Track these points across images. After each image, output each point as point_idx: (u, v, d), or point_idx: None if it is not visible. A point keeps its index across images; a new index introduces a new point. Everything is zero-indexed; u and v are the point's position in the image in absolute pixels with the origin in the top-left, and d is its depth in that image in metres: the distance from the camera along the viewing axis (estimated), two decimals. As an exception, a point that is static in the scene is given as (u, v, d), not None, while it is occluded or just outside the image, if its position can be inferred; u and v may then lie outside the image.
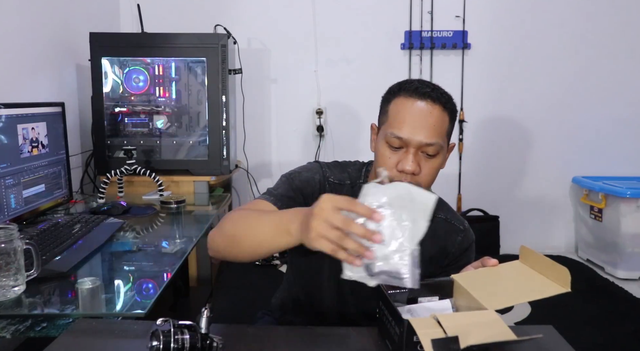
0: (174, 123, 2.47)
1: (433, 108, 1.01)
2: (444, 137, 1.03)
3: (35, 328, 0.97)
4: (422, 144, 1.00)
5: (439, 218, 1.17)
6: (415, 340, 0.73)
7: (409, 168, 0.99)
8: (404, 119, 1.01)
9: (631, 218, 2.84)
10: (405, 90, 1.03)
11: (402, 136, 1.00)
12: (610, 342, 2.13)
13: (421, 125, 1.00)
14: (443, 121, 1.02)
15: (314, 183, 1.11)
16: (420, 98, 1.01)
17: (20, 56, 2.02)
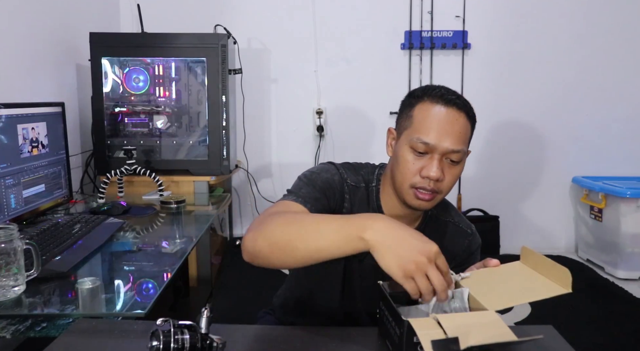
0: (174, 123, 2.47)
1: (459, 116, 1.02)
2: (467, 144, 1.04)
3: (35, 328, 0.97)
4: (448, 151, 1.00)
5: (447, 221, 1.18)
6: (415, 341, 0.73)
7: (433, 175, 0.99)
8: (430, 125, 1.00)
9: (631, 218, 2.84)
10: (430, 95, 1.03)
11: (430, 142, 0.99)
12: (610, 342, 2.13)
13: (448, 132, 1.00)
14: (467, 129, 1.04)
15: (335, 185, 1.09)
16: (447, 105, 1.02)
17: (20, 56, 2.02)
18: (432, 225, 1.17)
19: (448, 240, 1.15)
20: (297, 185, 1.07)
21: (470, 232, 1.18)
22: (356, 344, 0.86)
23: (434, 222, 1.17)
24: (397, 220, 1.07)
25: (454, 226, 1.17)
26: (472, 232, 1.19)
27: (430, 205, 1.03)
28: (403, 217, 1.12)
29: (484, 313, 0.77)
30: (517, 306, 2.47)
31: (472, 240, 1.17)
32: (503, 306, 0.78)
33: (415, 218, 1.15)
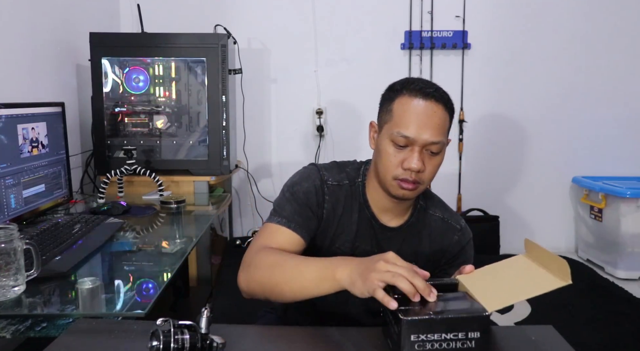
0: (174, 123, 2.47)
1: (437, 108, 1.04)
2: (446, 136, 1.07)
3: (35, 328, 0.97)
4: (428, 143, 1.03)
5: (436, 216, 1.19)
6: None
7: (415, 167, 1.02)
8: (410, 118, 1.03)
9: (631, 218, 2.84)
10: (409, 89, 1.05)
11: (409, 135, 1.02)
12: (610, 342, 2.13)
13: (427, 125, 1.02)
14: (445, 120, 1.06)
15: (315, 191, 1.13)
16: (425, 98, 1.03)
17: (20, 56, 2.02)
18: (422, 218, 1.18)
19: (438, 235, 1.18)
20: (281, 202, 1.13)
21: (459, 227, 1.19)
22: (356, 344, 0.86)
23: (424, 214, 1.19)
24: (385, 213, 1.12)
25: (443, 222, 1.19)
26: (461, 227, 1.20)
27: (413, 194, 1.07)
28: (390, 209, 1.14)
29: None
30: (517, 306, 2.48)
31: (461, 235, 1.19)
32: (504, 304, 0.78)
33: (403, 210, 1.16)
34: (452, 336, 0.74)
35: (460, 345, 0.74)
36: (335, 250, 1.15)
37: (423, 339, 0.73)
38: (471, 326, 0.74)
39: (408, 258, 1.14)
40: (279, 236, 1.08)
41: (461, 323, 0.74)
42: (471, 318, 0.74)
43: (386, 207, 1.14)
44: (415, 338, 0.73)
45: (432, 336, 0.74)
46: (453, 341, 0.74)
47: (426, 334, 0.73)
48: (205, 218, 1.96)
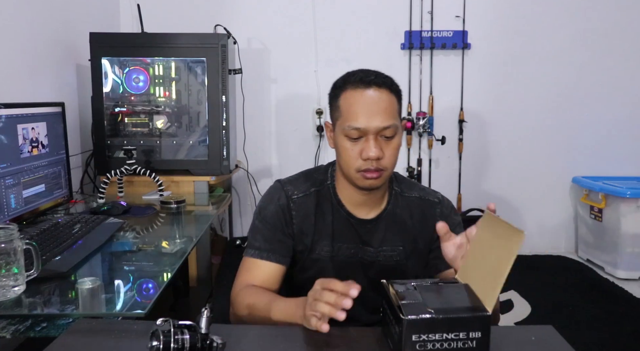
0: (174, 123, 2.47)
1: (381, 93, 1.05)
2: (397, 117, 1.08)
3: (35, 328, 0.97)
4: (380, 129, 1.04)
5: (413, 197, 1.20)
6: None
7: (373, 155, 1.03)
8: (356, 110, 1.05)
9: (631, 218, 2.84)
10: (350, 82, 1.07)
11: (360, 126, 1.04)
12: (610, 342, 2.13)
13: (374, 112, 1.04)
14: (392, 103, 1.07)
15: (282, 210, 1.16)
16: (367, 86, 1.05)
17: (20, 56, 2.02)
18: (399, 203, 1.19)
19: (419, 215, 1.19)
20: (253, 231, 1.17)
21: (437, 200, 1.21)
22: (357, 344, 0.86)
23: (400, 199, 1.19)
24: (360, 207, 1.15)
25: (421, 200, 1.20)
26: (439, 199, 1.22)
27: (380, 182, 1.08)
28: (364, 202, 1.15)
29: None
30: (518, 306, 2.48)
31: (442, 207, 1.21)
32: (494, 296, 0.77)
33: (378, 200, 1.17)
34: (453, 336, 0.74)
35: (461, 344, 0.74)
36: (316, 257, 1.17)
37: (424, 339, 0.73)
38: (472, 326, 0.74)
39: (395, 244, 1.15)
40: (257, 271, 1.13)
41: (462, 322, 0.74)
42: (472, 318, 0.74)
43: (360, 201, 1.15)
44: (416, 338, 0.73)
45: (434, 336, 0.73)
46: (454, 341, 0.74)
47: (427, 334, 0.73)
48: (205, 218, 1.96)
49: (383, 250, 1.16)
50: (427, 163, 3.26)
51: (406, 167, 3.23)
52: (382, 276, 1.15)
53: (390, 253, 1.17)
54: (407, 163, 3.24)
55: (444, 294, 0.82)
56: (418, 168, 3.22)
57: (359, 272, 1.17)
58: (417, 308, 0.75)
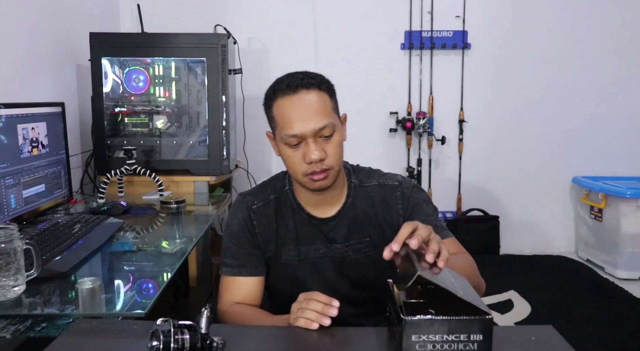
0: (174, 123, 2.47)
1: (311, 95, 1.06)
2: (333, 114, 1.09)
3: (35, 328, 0.97)
4: (316, 131, 1.04)
5: (373, 185, 1.19)
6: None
7: (314, 157, 1.04)
8: (290, 118, 1.05)
9: (631, 218, 2.84)
10: (279, 90, 1.08)
11: (296, 133, 1.04)
12: (610, 342, 2.13)
13: (307, 115, 1.04)
14: (324, 101, 1.08)
15: (245, 223, 1.17)
16: (295, 91, 1.06)
17: (20, 56, 2.02)
18: (359, 195, 1.18)
19: (380, 202, 1.17)
20: (224, 249, 1.19)
21: (397, 183, 1.19)
22: (357, 344, 0.86)
23: (360, 191, 1.19)
24: (320, 206, 1.15)
25: (380, 187, 1.19)
26: (399, 181, 1.20)
27: (329, 181, 1.08)
28: (322, 201, 1.15)
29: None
30: (518, 306, 2.48)
31: (403, 189, 1.18)
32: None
33: (337, 196, 1.17)
34: (453, 337, 0.73)
35: (462, 346, 0.73)
36: (284, 262, 1.18)
37: (424, 339, 0.73)
38: (473, 329, 0.73)
39: (361, 236, 1.15)
40: (235, 288, 1.16)
41: (463, 325, 0.73)
42: (473, 321, 0.73)
43: (317, 201, 1.15)
44: (416, 338, 0.73)
45: (434, 337, 0.73)
46: (455, 343, 0.73)
47: (427, 335, 0.73)
48: (205, 218, 1.96)
49: (350, 244, 1.16)
50: (427, 163, 3.26)
51: (406, 167, 3.23)
52: (355, 271, 1.16)
53: (359, 246, 1.16)
54: (407, 163, 3.24)
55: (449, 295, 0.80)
56: (418, 168, 3.21)
57: (332, 271, 1.17)
58: (418, 309, 0.75)
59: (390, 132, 3.19)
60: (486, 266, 3.01)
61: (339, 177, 1.14)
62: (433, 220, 1.15)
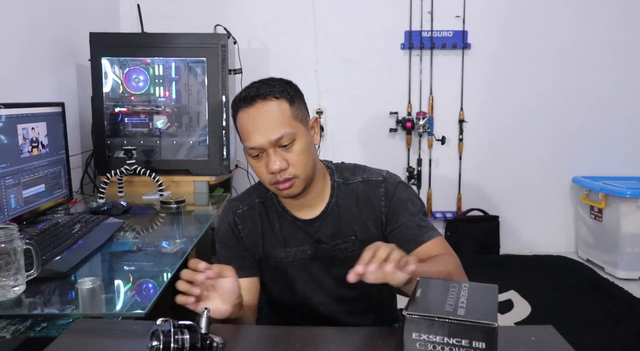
0: (174, 123, 2.47)
1: (265, 105, 1.05)
2: (292, 122, 1.07)
3: (35, 328, 0.97)
4: (273, 141, 1.04)
5: (357, 182, 1.18)
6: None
7: (275, 168, 1.04)
8: (247, 130, 1.06)
9: (631, 218, 2.84)
10: (239, 103, 1.08)
11: (254, 145, 1.05)
12: (610, 342, 2.13)
13: (263, 127, 1.04)
14: (281, 110, 1.06)
15: (231, 228, 1.18)
16: (251, 104, 1.05)
17: (20, 56, 2.02)
18: (343, 193, 1.17)
19: (364, 199, 1.16)
20: (217, 255, 1.20)
21: (381, 178, 1.17)
22: (357, 344, 0.86)
23: (344, 189, 1.17)
24: (303, 209, 1.15)
25: (364, 183, 1.17)
26: (383, 177, 1.17)
27: (296, 189, 1.08)
28: (304, 203, 1.15)
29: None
30: (518, 306, 2.48)
31: (387, 185, 1.16)
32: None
33: (318, 197, 1.16)
34: (455, 341, 0.72)
35: None
36: (274, 264, 1.18)
37: (425, 339, 0.73)
38: (475, 335, 0.72)
39: (347, 235, 1.15)
40: None
41: (464, 329, 0.72)
42: (475, 327, 0.71)
43: (299, 204, 1.15)
44: (416, 336, 0.73)
45: (434, 338, 0.73)
46: (456, 347, 0.72)
47: (428, 334, 0.73)
48: (205, 218, 1.96)
49: (337, 243, 1.16)
50: (427, 163, 3.26)
51: (406, 167, 3.23)
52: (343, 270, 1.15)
53: (344, 245, 1.16)
54: (407, 163, 3.24)
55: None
56: (418, 168, 3.22)
57: (322, 271, 1.17)
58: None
59: (390, 132, 3.19)
60: (486, 267, 3.02)
61: (316, 180, 1.13)
62: (417, 219, 1.13)
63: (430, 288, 0.81)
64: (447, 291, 0.79)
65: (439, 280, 0.84)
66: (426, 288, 0.80)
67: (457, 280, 0.84)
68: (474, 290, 0.81)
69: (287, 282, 1.18)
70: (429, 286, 0.81)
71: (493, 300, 0.79)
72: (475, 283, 0.83)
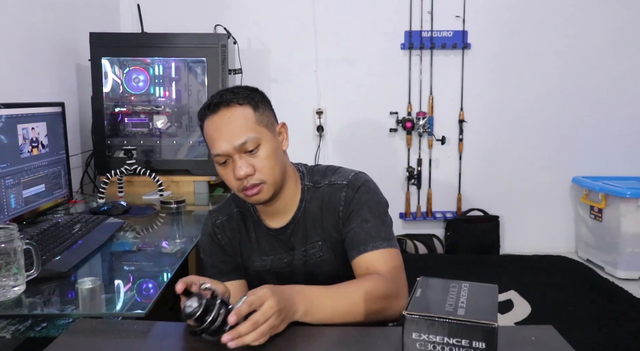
0: (174, 123, 2.47)
1: (228, 112, 1.05)
2: (256, 127, 1.06)
3: (35, 328, 0.97)
4: (237, 147, 1.03)
5: (324, 185, 1.16)
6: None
7: (241, 174, 1.04)
8: (212, 138, 1.06)
9: (631, 218, 2.84)
10: (205, 111, 1.08)
11: (219, 152, 1.04)
12: (610, 342, 2.13)
13: (226, 134, 1.04)
14: (245, 116, 1.05)
15: (211, 238, 1.20)
16: (214, 111, 1.06)
17: (20, 56, 2.02)
18: (312, 198, 1.16)
19: (327, 203, 1.14)
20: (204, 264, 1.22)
21: (345, 182, 1.14)
22: (357, 344, 0.86)
23: (313, 192, 1.16)
24: (274, 217, 1.15)
25: (329, 186, 1.16)
26: (348, 181, 1.14)
27: (265, 195, 1.07)
28: (274, 211, 1.14)
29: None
30: (518, 306, 2.48)
31: (348, 189, 1.13)
32: None
33: (288, 204, 1.15)
34: (455, 341, 0.72)
35: None
36: (252, 273, 1.19)
37: (425, 339, 0.73)
38: (475, 335, 0.72)
39: (314, 241, 1.14)
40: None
41: (464, 329, 0.72)
42: (475, 327, 0.71)
43: (270, 212, 1.15)
44: (416, 336, 0.73)
45: (435, 338, 0.73)
46: (456, 347, 0.72)
47: (428, 334, 0.73)
48: (205, 218, 1.96)
49: (306, 249, 1.15)
50: (427, 163, 3.26)
51: (406, 167, 3.23)
52: (319, 276, 1.15)
53: (313, 251, 1.15)
54: (407, 163, 3.24)
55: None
56: (418, 168, 3.22)
57: (300, 278, 1.16)
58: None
59: (390, 132, 3.19)
60: (486, 267, 3.02)
61: (287, 186, 1.12)
62: (368, 226, 1.08)
63: (430, 288, 0.81)
64: (447, 291, 0.79)
65: (439, 280, 0.84)
66: (426, 288, 0.80)
67: (457, 280, 0.83)
68: (474, 290, 0.80)
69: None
70: (429, 286, 0.81)
71: (493, 300, 0.78)
72: (475, 283, 0.83)
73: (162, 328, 0.91)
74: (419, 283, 0.82)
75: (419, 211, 3.26)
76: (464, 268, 2.94)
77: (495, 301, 0.78)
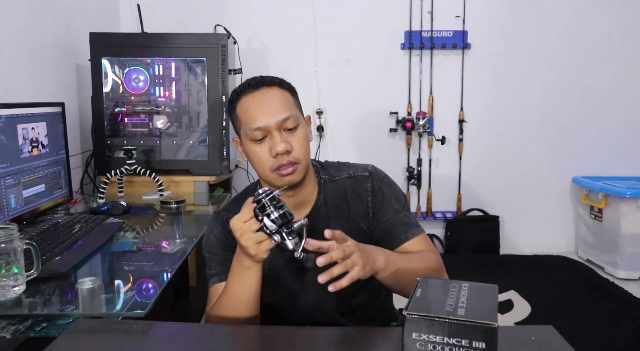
0: (174, 123, 2.47)
1: (271, 90, 1.09)
2: (295, 109, 1.09)
3: (35, 328, 0.97)
4: (280, 122, 1.05)
5: (344, 178, 1.18)
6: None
7: (281, 149, 1.04)
8: (253, 112, 1.06)
9: (631, 218, 2.84)
10: (240, 91, 1.10)
11: (260, 125, 1.05)
12: (610, 342, 2.13)
13: (269, 107, 1.06)
14: (286, 96, 1.09)
15: (221, 238, 1.16)
16: (256, 88, 1.09)
17: (20, 56, 2.02)
18: (331, 189, 1.17)
19: (351, 195, 1.16)
20: (207, 263, 1.19)
21: (367, 173, 1.18)
22: (357, 343, 0.86)
23: (331, 185, 1.17)
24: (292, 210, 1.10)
25: (351, 178, 1.18)
26: (369, 172, 1.18)
27: (298, 176, 1.07)
28: (295, 205, 1.13)
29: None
30: (518, 306, 2.48)
31: (373, 180, 1.17)
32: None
33: (307, 197, 1.15)
34: (455, 341, 0.72)
35: None
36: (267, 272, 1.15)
37: (425, 339, 0.73)
38: (475, 335, 0.72)
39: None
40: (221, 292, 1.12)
41: (464, 329, 0.72)
42: (475, 327, 0.71)
43: (290, 204, 1.11)
44: (416, 336, 0.73)
45: (434, 338, 0.73)
46: (456, 347, 0.72)
47: (428, 334, 0.73)
48: (205, 218, 1.96)
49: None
50: (427, 163, 3.26)
51: (406, 167, 3.23)
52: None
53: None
54: (407, 163, 3.24)
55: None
56: (418, 168, 3.22)
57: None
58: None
59: (390, 132, 3.19)
60: (486, 267, 3.02)
61: (309, 175, 1.13)
62: (401, 216, 1.14)
63: (430, 288, 0.81)
64: (447, 291, 0.79)
65: (439, 280, 0.84)
66: (426, 288, 0.80)
67: (457, 280, 0.83)
68: (474, 290, 0.80)
69: (282, 287, 1.16)
70: (428, 286, 0.81)
71: (493, 300, 0.78)
72: (475, 283, 0.83)
73: (162, 328, 0.91)
74: (419, 283, 0.82)
75: (419, 211, 3.26)
76: (464, 268, 2.94)
77: (495, 301, 0.78)
